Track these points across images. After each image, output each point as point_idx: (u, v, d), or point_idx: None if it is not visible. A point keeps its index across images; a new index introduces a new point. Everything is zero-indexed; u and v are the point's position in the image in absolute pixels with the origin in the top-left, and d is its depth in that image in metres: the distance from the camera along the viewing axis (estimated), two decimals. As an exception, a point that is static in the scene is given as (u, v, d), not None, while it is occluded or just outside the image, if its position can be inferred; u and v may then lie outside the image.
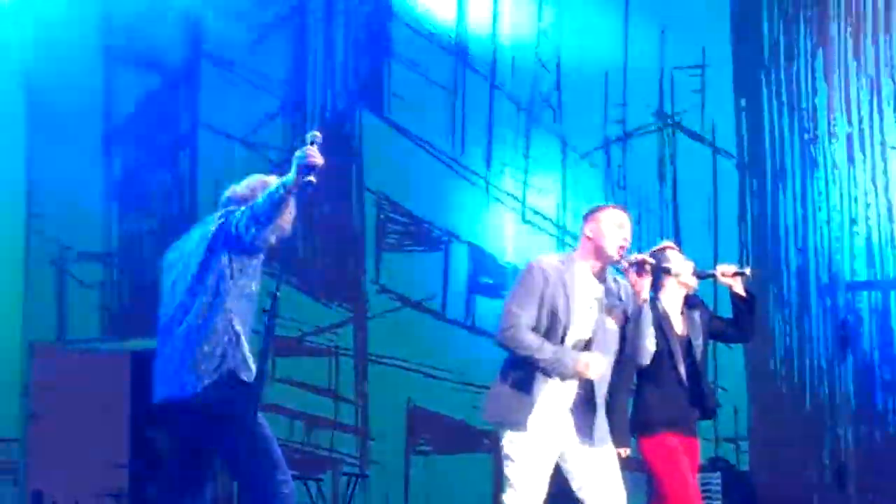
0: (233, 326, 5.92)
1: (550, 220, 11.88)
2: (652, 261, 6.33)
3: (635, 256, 6.31)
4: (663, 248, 7.29)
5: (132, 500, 13.22)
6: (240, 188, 6.31)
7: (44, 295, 13.94)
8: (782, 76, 11.23)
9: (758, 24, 11.35)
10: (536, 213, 11.98)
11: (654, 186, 11.60)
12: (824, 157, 10.92)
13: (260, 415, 5.99)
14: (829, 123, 10.94)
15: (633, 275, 6.29)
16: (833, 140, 10.90)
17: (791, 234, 10.96)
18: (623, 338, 6.40)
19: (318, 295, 12.76)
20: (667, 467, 7.12)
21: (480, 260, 12.06)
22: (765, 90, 11.26)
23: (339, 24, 13.24)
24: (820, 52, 11.11)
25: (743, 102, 11.35)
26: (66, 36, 14.18)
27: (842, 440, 10.34)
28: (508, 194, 12.17)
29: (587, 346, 6.28)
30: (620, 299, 6.38)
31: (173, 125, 13.94)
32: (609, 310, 6.35)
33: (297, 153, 5.64)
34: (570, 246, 11.72)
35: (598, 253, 6.30)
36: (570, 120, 12.02)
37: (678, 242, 11.13)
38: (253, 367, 5.90)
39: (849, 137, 10.85)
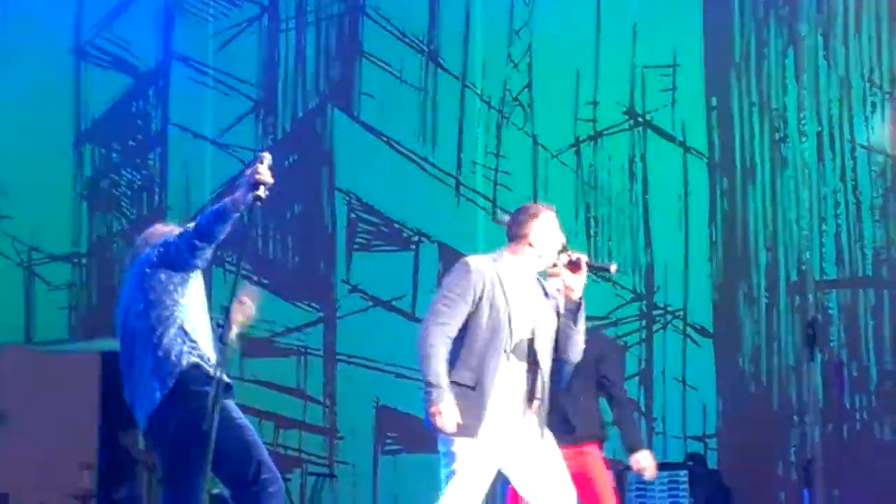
0: (184, 331, 5.90)
1: (521, 219, 11.79)
2: (587, 259, 6.28)
3: (569, 255, 6.26)
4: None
5: (101, 503, 13.13)
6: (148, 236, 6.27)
7: (12, 296, 13.86)
8: (753, 76, 11.23)
9: (729, 24, 11.35)
10: (507, 212, 11.91)
11: (625, 185, 11.58)
12: (794, 156, 10.92)
13: (242, 415, 5.94)
14: (798, 123, 10.93)
15: (567, 273, 6.24)
16: (803, 139, 10.90)
17: (760, 232, 10.95)
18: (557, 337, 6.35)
19: (287, 295, 12.69)
20: None
21: (450, 259, 11.94)
22: (735, 89, 11.26)
23: (309, 23, 13.20)
24: (790, 51, 11.10)
25: (713, 101, 11.34)
26: (35, 36, 14.15)
27: (809, 437, 10.31)
28: (479, 194, 12.13)
29: (530, 344, 6.22)
30: (548, 296, 6.33)
31: (143, 126, 13.88)
32: (545, 307, 6.30)
33: (247, 171, 5.60)
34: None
35: (538, 256, 6.26)
36: (541, 119, 12.00)
37: (648, 241, 11.26)
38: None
39: (818, 136, 10.85)
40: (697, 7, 11.48)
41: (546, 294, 6.32)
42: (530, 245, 6.26)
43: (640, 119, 11.58)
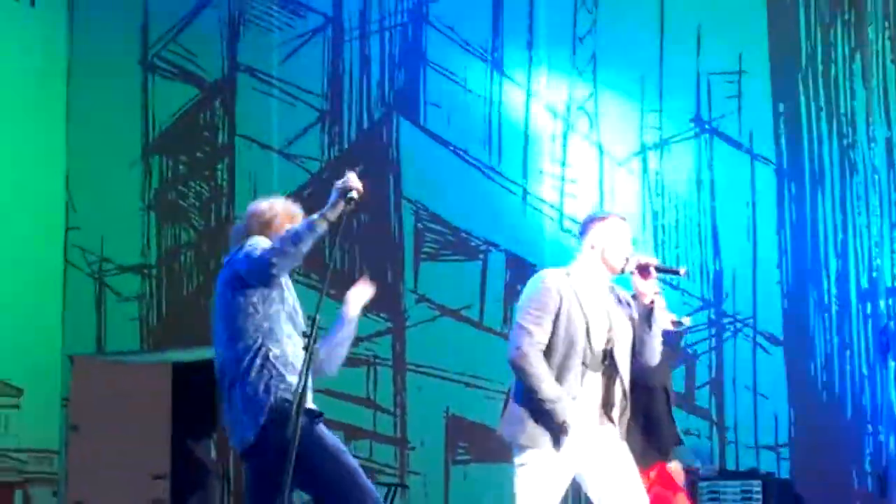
0: (269, 360, 5.90)
1: (588, 227, 11.83)
2: (656, 262, 6.31)
3: (638, 259, 6.29)
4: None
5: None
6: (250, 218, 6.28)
7: (83, 308, 14.03)
8: (820, 81, 11.17)
9: (795, 29, 11.29)
10: (574, 220, 11.94)
11: (693, 193, 11.54)
12: (863, 162, 10.85)
13: (335, 438, 5.96)
14: (867, 127, 10.87)
15: (637, 278, 6.27)
16: (872, 144, 10.84)
17: (830, 239, 10.89)
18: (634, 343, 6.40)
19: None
20: None
21: (518, 268, 12.03)
22: (802, 95, 11.20)
23: (373, 33, 13.25)
24: (857, 55, 11.04)
25: (780, 107, 11.28)
26: (104, 51, 14.30)
27: (883, 447, 10.26)
28: (546, 202, 12.14)
29: (609, 354, 6.26)
30: (628, 305, 6.37)
31: (210, 137, 13.99)
32: (620, 315, 6.35)
33: (338, 181, 5.69)
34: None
35: (604, 265, 6.30)
36: (607, 127, 11.98)
37: (717, 249, 11.24)
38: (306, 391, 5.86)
39: (888, 141, 10.78)
40: (762, 12, 11.41)
41: (620, 301, 6.37)
42: (592, 248, 6.32)
43: (706, 126, 11.55)
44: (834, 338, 10.71)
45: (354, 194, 5.67)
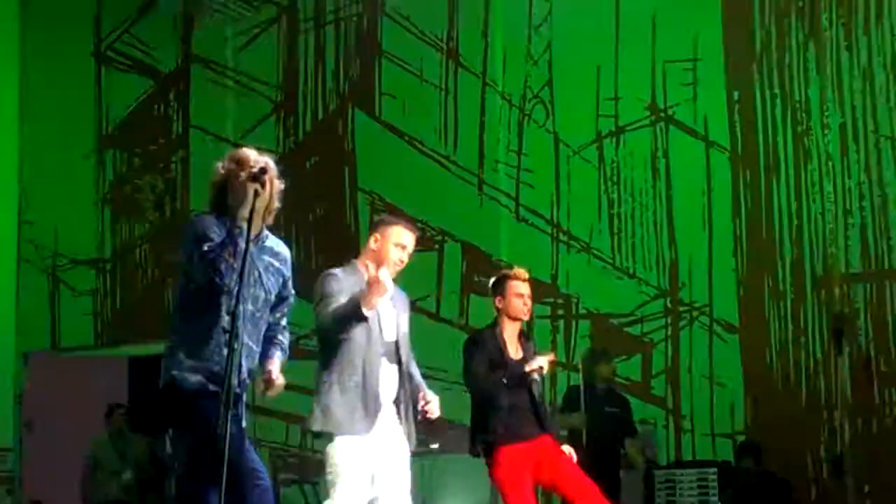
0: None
1: (544, 217, 11.82)
2: None
3: None
4: None
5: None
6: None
7: (37, 303, 13.88)
8: (774, 68, 11.16)
9: (749, 16, 11.28)
10: (530, 210, 11.91)
11: (648, 181, 11.52)
12: (817, 149, 10.86)
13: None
14: (821, 115, 10.86)
15: None
16: (826, 131, 10.83)
17: (785, 226, 10.89)
18: None
19: (312, 297, 12.63)
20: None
21: (474, 259, 11.98)
22: (757, 82, 11.19)
23: (328, 23, 13.17)
24: (812, 43, 11.03)
25: (735, 95, 11.28)
26: (57, 42, 14.15)
27: (838, 433, 10.26)
28: (502, 192, 12.09)
29: (396, 347, 6.53)
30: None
31: (165, 129, 13.87)
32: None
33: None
34: (563, 242, 11.66)
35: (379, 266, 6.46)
36: (562, 115, 11.95)
37: (672, 237, 11.21)
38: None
39: (842, 128, 10.79)
40: (716, 0, 11.40)
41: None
42: (372, 252, 6.71)
43: (661, 114, 11.52)
44: (789, 325, 10.71)
45: None
